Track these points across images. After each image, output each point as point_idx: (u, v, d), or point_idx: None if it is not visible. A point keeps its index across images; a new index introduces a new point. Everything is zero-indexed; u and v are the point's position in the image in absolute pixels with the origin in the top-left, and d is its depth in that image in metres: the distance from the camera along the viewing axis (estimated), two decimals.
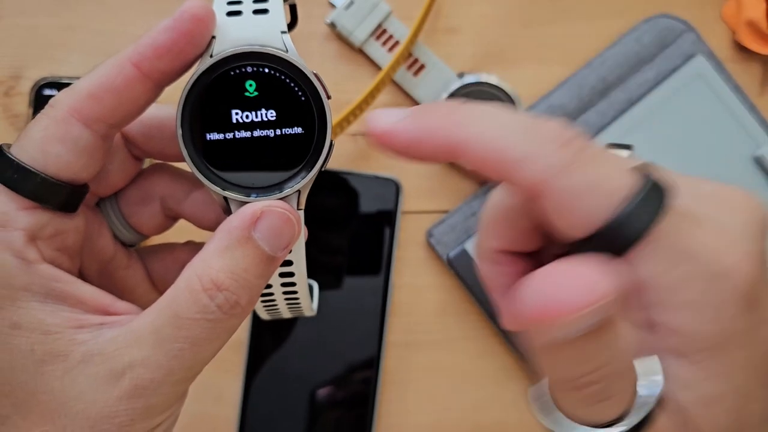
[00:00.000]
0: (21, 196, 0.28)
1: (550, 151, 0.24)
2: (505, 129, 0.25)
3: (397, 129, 0.26)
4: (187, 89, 0.29)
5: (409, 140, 0.26)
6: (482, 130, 0.25)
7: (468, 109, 0.26)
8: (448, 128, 0.25)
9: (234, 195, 0.29)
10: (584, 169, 0.24)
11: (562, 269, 0.22)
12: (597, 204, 0.24)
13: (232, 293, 0.28)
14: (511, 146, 0.24)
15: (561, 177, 0.24)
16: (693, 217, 0.24)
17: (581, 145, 0.24)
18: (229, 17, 0.29)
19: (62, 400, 0.27)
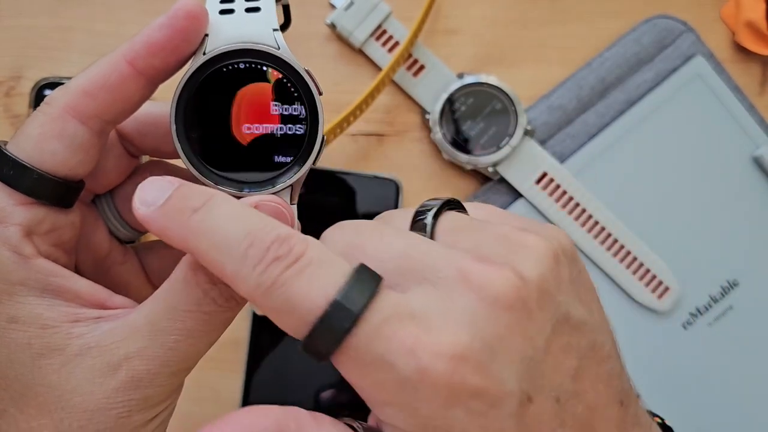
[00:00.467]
0: (18, 192, 0.29)
1: (254, 274, 0.25)
2: (224, 245, 0.25)
3: (148, 220, 0.27)
4: (180, 86, 0.29)
5: (158, 234, 0.27)
6: (205, 245, 0.26)
7: (201, 216, 0.26)
8: (182, 236, 0.26)
9: (227, 189, 0.30)
10: (283, 290, 0.25)
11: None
12: (293, 323, 0.25)
13: (227, 286, 0.28)
14: (224, 264, 0.25)
15: (261, 299, 0.25)
16: (404, 315, 0.24)
17: (294, 257, 0.25)
18: (222, 15, 0.30)
19: (59, 393, 0.28)
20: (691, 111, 0.59)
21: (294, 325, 0.25)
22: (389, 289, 0.25)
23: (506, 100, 0.57)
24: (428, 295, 0.25)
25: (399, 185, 0.57)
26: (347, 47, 0.59)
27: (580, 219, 0.57)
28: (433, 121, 0.57)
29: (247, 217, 0.26)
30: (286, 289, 0.25)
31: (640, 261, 0.57)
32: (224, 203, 0.26)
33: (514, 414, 0.24)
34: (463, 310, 0.24)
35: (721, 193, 0.59)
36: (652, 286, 0.57)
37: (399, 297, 0.25)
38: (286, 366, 0.57)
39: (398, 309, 0.24)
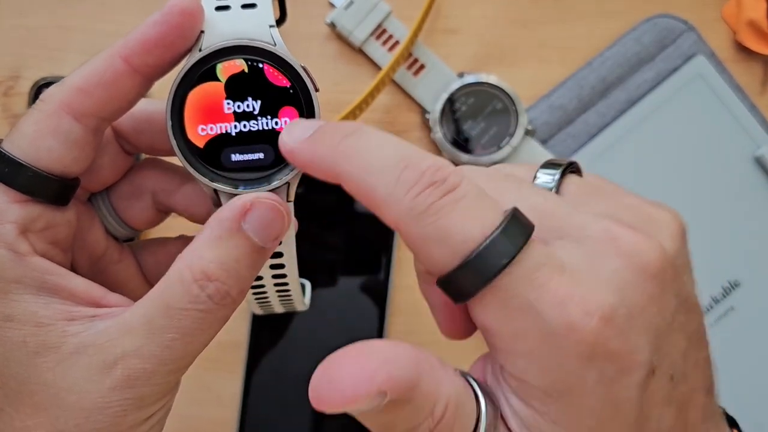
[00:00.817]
0: (13, 190, 0.29)
1: (409, 196, 0.24)
2: (377, 167, 0.25)
3: (295, 150, 0.27)
4: (176, 83, 0.29)
5: (304, 163, 0.27)
6: (357, 167, 0.25)
7: (354, 140, 0.26)
8: (332, 159, 0.26)
9: (223, 187, 0.29)
10: (436, 218, 0.24)
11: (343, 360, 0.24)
12: (441, 254, 0.24)
13: (223, 284, 0.28)
14: (376, 187, 0.25)
15: (412, 224, 0.24)
16: (554, 266, 0.24)
17: (448, 187, 0.24)
18: (218, 11, 0.29)
19: (55, 391, 0.27)
20: (692, 110, 0.59)
21: (443, 256, 0.24)
22: (538, 239, 0.25)
23: (507, 100, 0.57)
24: (574, 252, 0.25)
25: None
26: (347, 46, 0.59)
27: None
28: (433, 121, 0.57)
29: (400, 142, 0.26)
30: (440, 216, 0.24)
31: None
32: (375, 131, 0.26)
33: (640, 384, 0.24)
34: (612, 272, 0.24)
35: (723, 193, 0.59)
36: None
37: (548, 248, 0.25)
38: (285, 366, 0.56)
39: (551, 259, 0.24)
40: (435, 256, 0.24)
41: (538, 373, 0.24)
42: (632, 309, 0.24)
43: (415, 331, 0.58)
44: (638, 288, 0.24)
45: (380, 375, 0.23)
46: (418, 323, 0.58)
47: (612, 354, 0.24)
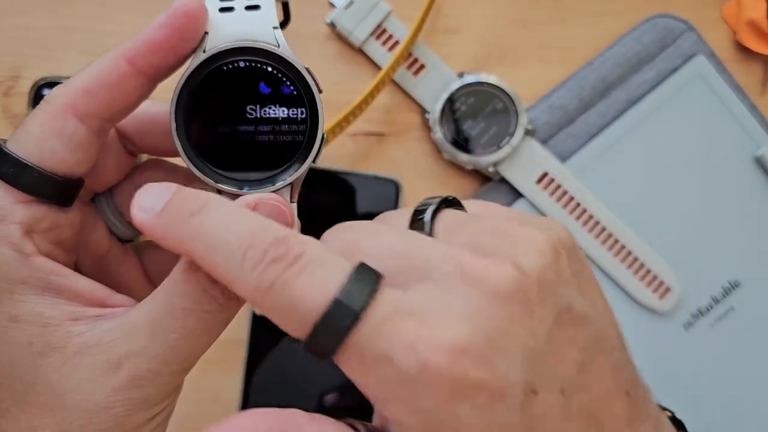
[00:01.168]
0: (17, 190, 0.29)
1: (254, 274, 0.25)
2: (222, 248, 0.25)
3: (146, 224, 0.27)
4: (180, 84, 0.29)
5: (158, 240, 0.27)
6: (204, 248, 0.26)
7: (198, 221, 0.26)
8: (180, 239, 0.26)
9: (227, 188, 0.30)
10: (282, 291, 0.24)
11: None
12: (294, 324, 0.25)
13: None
14: (224, 267, 0.25)
15: (261, 299, 0.25)
16: (403, 312, 0.24)
17: (290, 261, 0.25)
18: (222, 13, 0.29)
19: (60, 391, 0.28)
20: (692, 110, 0.59)
21: (295, 325, 0.25)
22: (389, 286, 0.25)
23: (507, 100, 0.57)
24: (428, 292, 0.25)
25: (399, 185, 0.57)
26: (347, 46, 0.59)
27: (581, 219, 0.57)
28: (433, 121, 0.57)
29: (245, 219, 0.26)
30: (285, 289, 0.24)
31: (641, 261, 0.57)
32: (222, 206, 0.26)
33: (519, 407, 0.24)
34: (463, 305, 0.24)
35: (723, 193, 0.59)
36: (653, 287, 0.57)
37: (399, 294, 0.25)
38: (285, 366, 0.56)
39: (399, 306, 0.24)
40: (289, 325, 0.25)
41: (409, 416, 0.24)
42: (491, 335, 0.24)
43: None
44: (493, 313, 0.24)
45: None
46: None
47: (477, 384, 0.24)
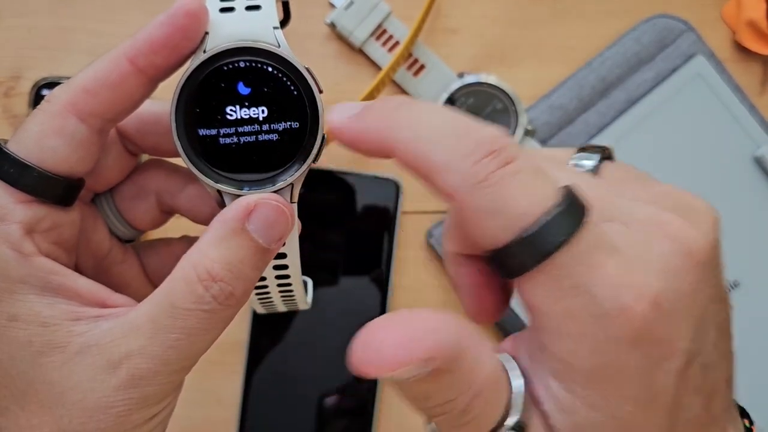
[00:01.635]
0: (18, 190, 0.29)
1: (467, 164, 0.24)
2: (434, 134, 0.25)
3: (343, 126, 0.27)
4: (180, 84, 0.29)
5: (352, 138, 0.27)
6: (412, 135, 0.25)
7: (406, 110, 0.26)
8: (384, 129, 0.26)
9: (227, 188, 0.29)
10: (495, 188, 0.23)
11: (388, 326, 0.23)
12: (498, 226, 0.24)
13: (227, 284, 0.28)
14: (433, 154, 0.24)
15: (471, 193, 0.24)
16: (606, 248, 0.24)
17: (506, 159, 0.24)
18: (222, 13, 0.29)
19: (60, 390, 0.28)
20: (691, 111, 0.59)
21: (498, 228, 0.24)
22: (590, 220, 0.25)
23: (507, 100, 0.57)
24: (624, 235, 0.25)
25: (399, 185, 0.57)
26: (347, 47, 0.59)
27: None
28: None
29: (454, 112, 0.25)
30: (498, 188, 0.23)
31: None
32: (426, 102, 0.26)
33: (679, 371, 0.24)
34: (660, 257, 0.24)
35: (722, 193, 0.59)
36: None
37: (605, 228, 0.24)
38: (286, 367, 0.57)
39: (604, 240, 0.24)
40: (490, 228, 0.24)
41: (585, 355, 0.24)
42: (679, 296, 0.24)
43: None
44: (684, 274, 0.24)
45: (426, 342, 0.22)
46: None
47: (657, 340, 0.24)
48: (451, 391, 0.23)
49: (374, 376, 0.22)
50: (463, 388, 0.23)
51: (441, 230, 0.58)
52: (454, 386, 0.23)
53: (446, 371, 0.23)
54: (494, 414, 0.24)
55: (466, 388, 0.23)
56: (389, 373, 0.22)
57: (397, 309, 0.57)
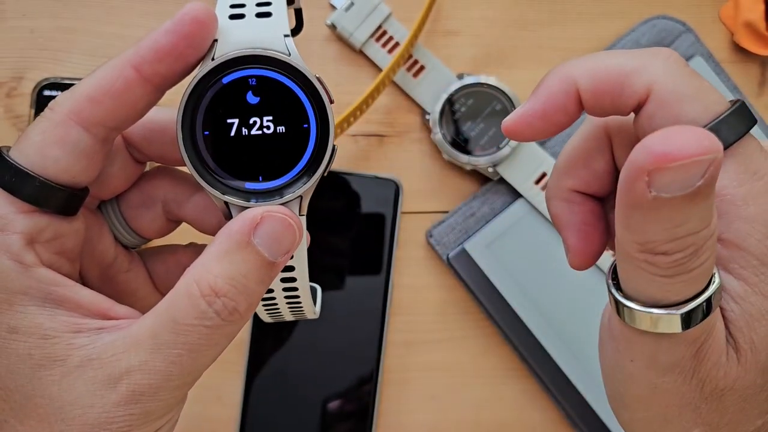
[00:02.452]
0: (19, 200, 0.28)
1: (657, 61, 0.27)
2: (614, 57, 0.27)
3: (527, 110, 0.29)
4: (188, 92, 0.28)
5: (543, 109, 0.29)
6: (594, 63, 0.27)
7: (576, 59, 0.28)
8: (564, 75, 0.28)
9: (234, 200, 0.29)
10: (689, 78, 0.26)
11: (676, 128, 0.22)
12: (696, 110, 0.26)
13: (231, 299, 0.28)
14: (621, 64, 0.27)
15: (670, 81, 0.26)
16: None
17: (684, 63, 0.27)
18: (232, 20, 0.29)
19: (59, 404, 0.27)
20: None
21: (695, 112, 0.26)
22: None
23: (506, 101, 0.57)
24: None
25: (399, 185, 0.57)
26: (347, 48, 0.59)
27: None
28: (433, 122, 0.57)
29: None
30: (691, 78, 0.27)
31: None
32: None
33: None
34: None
35: None
36: None
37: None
38: (286, 366, 0.57)
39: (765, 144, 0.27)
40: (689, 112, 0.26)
41: (762, 239, 0.25)
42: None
43: (414, 330, 0.58)
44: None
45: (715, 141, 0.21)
46: (418, 323, 0.58)
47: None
48: (704, 219, 0.23)
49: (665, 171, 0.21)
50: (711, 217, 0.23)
51: (440, 230, 0.58)
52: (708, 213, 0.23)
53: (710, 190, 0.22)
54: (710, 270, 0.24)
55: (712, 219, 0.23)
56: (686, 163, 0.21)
57: (397, 309, 0.58)
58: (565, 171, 0.32)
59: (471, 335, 0.58)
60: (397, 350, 0.58)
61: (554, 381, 0.57)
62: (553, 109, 0.28)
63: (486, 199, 0.58)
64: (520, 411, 0.58)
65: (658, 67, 0.27)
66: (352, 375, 0.57)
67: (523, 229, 0.57)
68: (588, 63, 0.28)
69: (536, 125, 0.29)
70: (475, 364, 0.58)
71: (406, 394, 0.58)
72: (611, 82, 0.27)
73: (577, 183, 0.31)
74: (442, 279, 0.59)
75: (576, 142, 0.32)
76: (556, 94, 0.28)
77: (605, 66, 0.27)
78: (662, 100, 0.26)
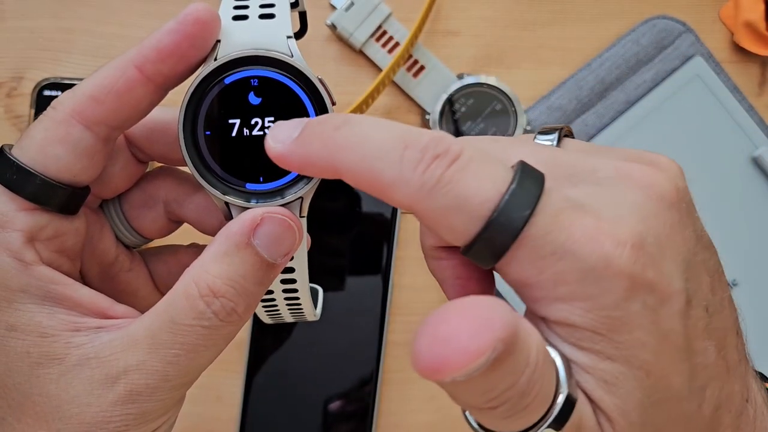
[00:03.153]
0: (20, 198, 0.28)
1: (416, 175, 0.24)
2: (377, 152, 0.24)
3: (285, 153, 0.26)
4: (190, 92, 0.28)
5: (298, 165, 0.26)
6: (356, 157, 0.25)
7: (346, 132, 0.25)
8: (328, 155, 0.25)
9: (234, 200, 0.29)
10: (450, 188, 0.24)
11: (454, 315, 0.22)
12: (463, 222, 0.24)
13: (229, 300, 0.28)
14: (380, 171, 0.24)
15: (426, 199, 0.24)
16: (575, 207, 0.24)
17: (452, 156, 0.24)
18: (235, 21, 0.29)
19: (57, 403, 0.27)
20: (690, 111, 0.59)
21: (463, 223, 0.24)
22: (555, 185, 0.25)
23: (506, 101, 0.57)
24: (592, 192, 0.25)
25: None
26: (347, 48, 0.59)
27: None
28: (433, 122, 0.57)
29: (392, 124, 0.25)
30: (453, 186, 0.24)
31: None
32: (364, 118, 0.26)
33: (681, 313, 0.24)
34: (632, 205, 0.24)
35: (720, 194, 0.59)
36: None
37: (567, 191, 0.25)
38: (286, 366, 0.57)
39: (569, 201, 0.24)
40: (456, 224, 0.24)
41: (583, 314, 0.24)
42: (659, 237, 0.24)
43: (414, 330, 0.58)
44: (660, 217, 0.24)
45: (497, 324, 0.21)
46: (418, 323, 0.58)
47: (649, 283, 0.23)
48: (514, 375, 0.22)
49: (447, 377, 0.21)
50: (523, 366, 0.22)
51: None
52: (517, 366, 0.22)
53: (509, 353, 0.21)
54: (550, 389, 0.24)
55: (524, 365, 0.22)
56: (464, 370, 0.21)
57: (397, 309, 0.58)
58: (422, 230, 0.30)
59: None
60: (397, 350, 0.58)
61: None
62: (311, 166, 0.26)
63: None
64: None
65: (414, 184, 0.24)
66: (352, 375, 0.57)
67: None
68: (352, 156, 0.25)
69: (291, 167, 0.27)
70: None
71: (406, 394, 0.58)
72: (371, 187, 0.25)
73: (433, 240, 0.29)
74: None
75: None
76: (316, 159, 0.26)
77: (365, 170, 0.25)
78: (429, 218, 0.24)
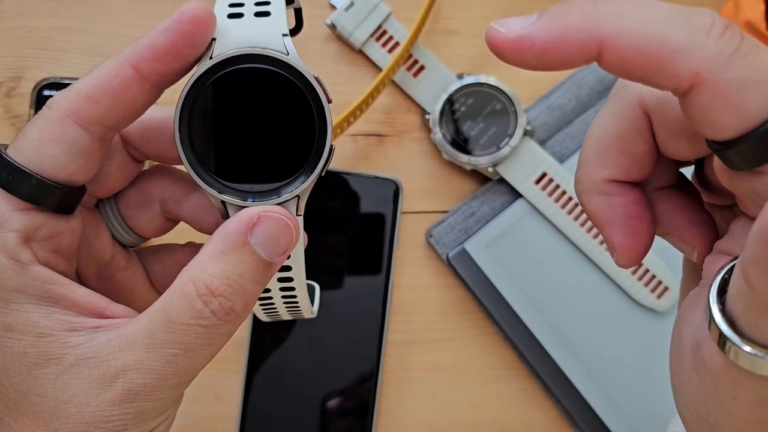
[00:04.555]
0: (16, 198, 0.28)
1: (711, 40, 0.22)
2: (656, 20, 0.22)
3: (531, 33, 0.23)
4: (185, 91, 0.28)
5: (547, 42, 0.23)
6: (631, 22, 0.22)
7: (610, 3, 0.23)
8: (591, 24, 0.23)
9: (231, 199, 0.29)
10: (749, 59, 0.22)
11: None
12: (758, 99, 0.22)
13: (227, 299, 0.28)
14: (665, 37, 0.22)
15: (723, 68, 0.22)
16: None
17: (739, 35, 0.22)
18: (231, 19, 0.29)
19: (54, 403, 0.27)
20: None
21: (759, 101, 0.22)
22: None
23: (506, 101, 0.57)
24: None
25: (399, 185, 0.57)
26: (347, 48, 0.59)
27: (579, 219, 0.57)
28: (433, 122, 0.57)
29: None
30: (753, 58, 0.21)
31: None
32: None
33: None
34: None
35: None
36: (652, 286, 0.57)
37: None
38: (287, 365, 0.57)
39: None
40: (748, 102, 0.22)
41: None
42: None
43: (414, 330, 0.58)
44: None
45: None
46: (418, 323, 0.58)
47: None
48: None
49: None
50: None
51: (440, 230, 0.58)
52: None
53: None
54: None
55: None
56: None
57: (397, 309, 0.58)
58: (597, 160, 0.28)
59: (471, 335, 0.58)
60: (397, 350, 0.58)
61: (554, 381, 0.57)
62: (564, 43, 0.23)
63: (486, 199, 0.58)
64: (520, 411, 0.58)
65: (710, 50, 0.22)
66: (352, 375, 0.57)
67: (523, 228, 0.57)
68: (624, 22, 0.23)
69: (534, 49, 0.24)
70: (475, 364, 0.58)
71: (406, 393, 0.58)
72: (648, 55, 0.22)
73: (613, 172, 0.28)
74: (442, 279, 0.59)
75: (606, 125, 0.28)
76: (575, 31, 0.23)
77: (645, 34, 0.22)
78: (718, 92, 0.22)
